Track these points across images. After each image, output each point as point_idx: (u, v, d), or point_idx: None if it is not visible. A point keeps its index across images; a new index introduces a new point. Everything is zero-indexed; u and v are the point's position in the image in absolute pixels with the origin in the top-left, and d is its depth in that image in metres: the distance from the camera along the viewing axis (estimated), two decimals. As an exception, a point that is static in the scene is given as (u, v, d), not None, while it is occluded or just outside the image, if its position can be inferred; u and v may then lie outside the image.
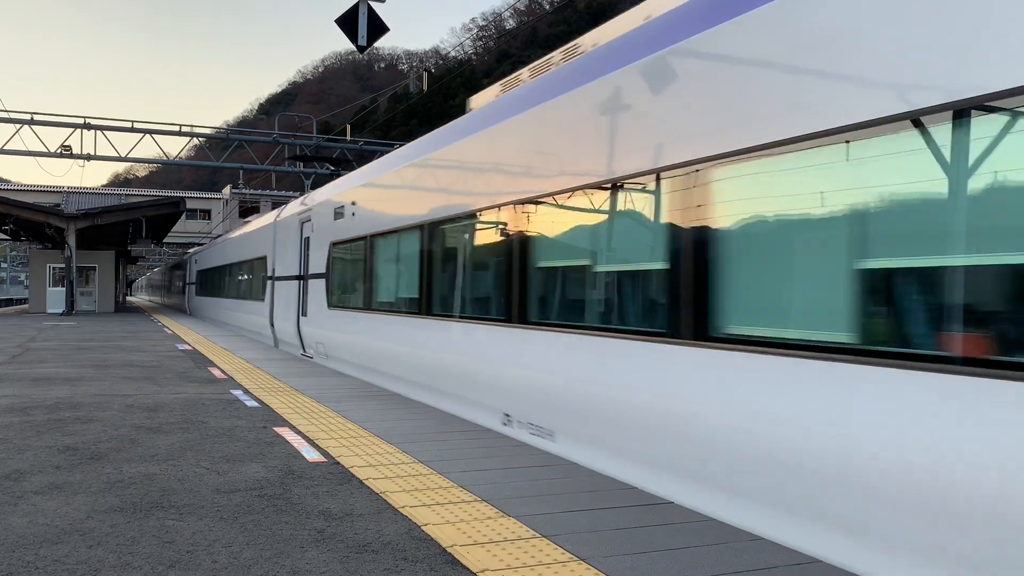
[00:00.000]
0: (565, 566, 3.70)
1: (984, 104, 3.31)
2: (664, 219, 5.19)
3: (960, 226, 3.41)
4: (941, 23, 3.50)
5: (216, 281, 28.74)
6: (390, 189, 10.78)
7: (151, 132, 31.49)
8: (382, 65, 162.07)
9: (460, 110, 11.18)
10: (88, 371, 11.80)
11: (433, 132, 10.33)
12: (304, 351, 15.34)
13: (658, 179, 5.27)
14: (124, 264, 54.66)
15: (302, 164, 34.10)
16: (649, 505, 4.74)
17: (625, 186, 5.65)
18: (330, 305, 13.34)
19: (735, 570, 3.68)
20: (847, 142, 3.91)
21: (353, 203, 12.47)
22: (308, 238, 15.27)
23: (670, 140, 5.14)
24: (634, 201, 5.58)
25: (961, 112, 3.40)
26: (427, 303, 9.06)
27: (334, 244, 13.29)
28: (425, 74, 31.28)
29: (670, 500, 4.87)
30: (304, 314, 15.01)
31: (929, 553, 3.42)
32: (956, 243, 3.43)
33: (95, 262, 37.19)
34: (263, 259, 19.65)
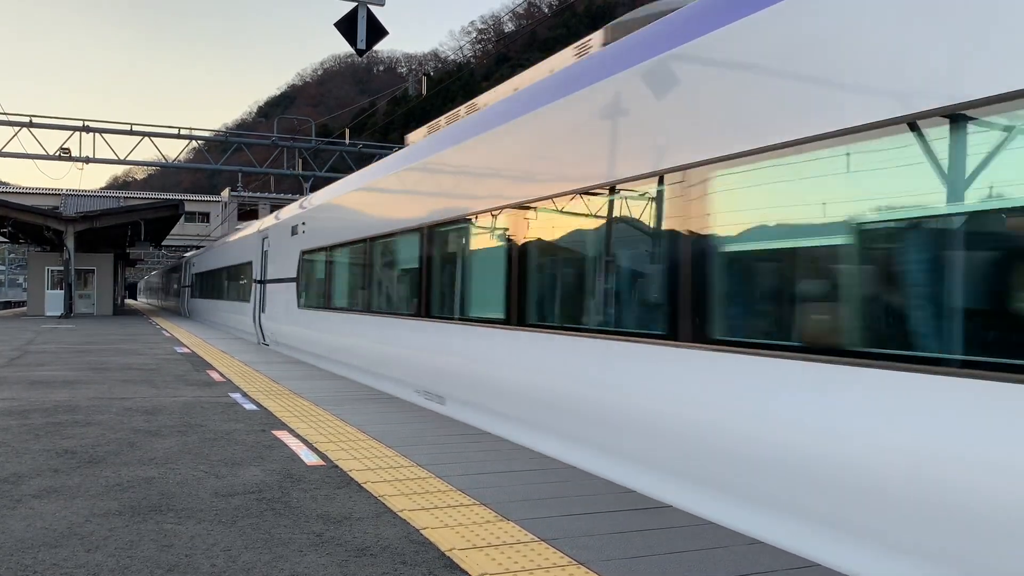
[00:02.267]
0: (564, 570, 3.70)
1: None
2: (488, 243, 7.76)
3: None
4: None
5: (210, 284, 29.94)
6: (372, 193, 12.36)
7: (150, 135, 31.48)
8: (381, 68, 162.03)
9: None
10: (86, 374, 11.79)
11: (353, 175, 13.84)
12: (264, 341, 17.73)
13: (473, 218, 8.02)
14: (123, 267, 54.60)
15: (301, 166, 34.12)
16: (648, 509, 4.74)
17: (471, 220, 8.12)
18: (300, 305, 15.20)
19: (733, 574, 3.68)
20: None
21: (311, 219, 14.77)
22: (283, 247, 17.08)
23: (495, 191, 7.66)
24: (474, 231, 8.10)
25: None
26: (367, 302, 11.31)
27: (304, 252, 15.06)
28: (424, 77, 31.28)
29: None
30: (282, 312, 16.78)
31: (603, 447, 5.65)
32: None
33: (94, 265, 37.16)
34: (249, 264, 21.37)
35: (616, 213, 5.86)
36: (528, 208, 6.99)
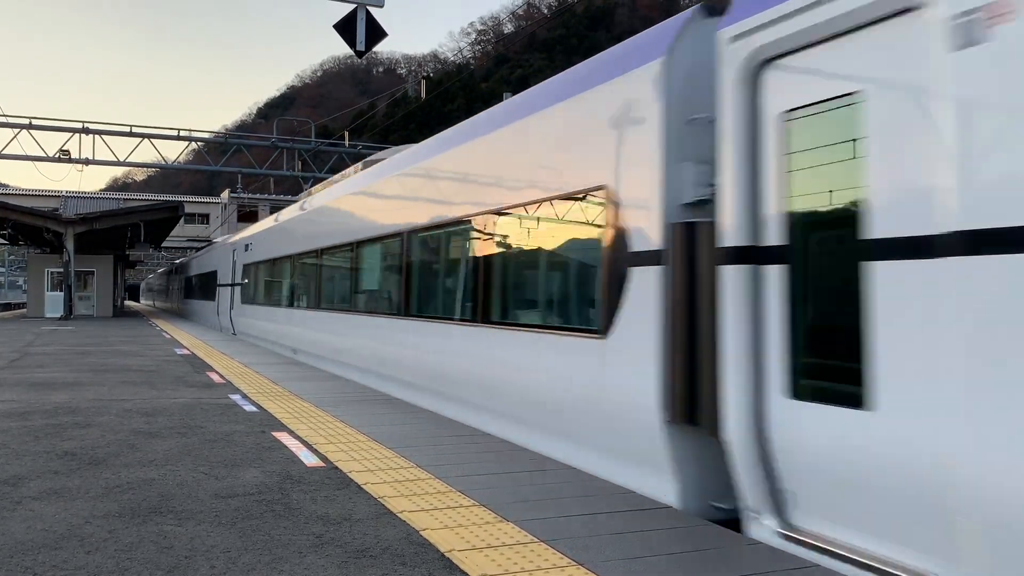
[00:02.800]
0: (563, 571, 3.71)
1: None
2: (315, 266, 13.37)
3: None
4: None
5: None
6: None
7: (149, 136, 31.53)
8: (380, 69, 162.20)
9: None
10: (86, 376, 11.79)
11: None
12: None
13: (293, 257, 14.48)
14: (123, 268, 54.58)
15: (301, 167, 34.18)
16: (647, 509, 4.74)
17: (300, 255, 15.18)
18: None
19: (734, 574, 3.68)
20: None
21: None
22: None
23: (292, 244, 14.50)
24: (306, 262, 15.04)
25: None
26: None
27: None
28: (423, 79, 31.32)
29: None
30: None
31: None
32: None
33: (93, 266, 37.15)
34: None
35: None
36: None
